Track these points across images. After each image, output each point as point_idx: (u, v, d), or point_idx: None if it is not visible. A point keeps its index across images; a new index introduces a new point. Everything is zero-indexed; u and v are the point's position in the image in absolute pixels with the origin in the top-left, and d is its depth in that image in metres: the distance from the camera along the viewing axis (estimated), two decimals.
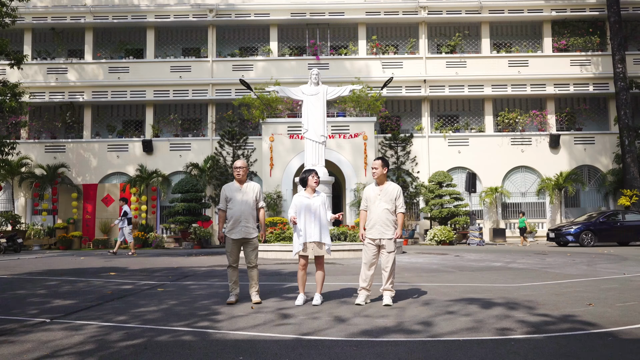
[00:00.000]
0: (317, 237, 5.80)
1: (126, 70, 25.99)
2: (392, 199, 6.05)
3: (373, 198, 6.12)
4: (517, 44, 27.04)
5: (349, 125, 22.65)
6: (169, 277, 8.54)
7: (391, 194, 6.06)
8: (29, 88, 25.38)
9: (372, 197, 6.14)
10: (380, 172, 6.15)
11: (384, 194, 6.05)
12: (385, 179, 6.22)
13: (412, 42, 26.37)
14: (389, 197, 6.03)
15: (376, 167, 6.16)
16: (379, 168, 6.17)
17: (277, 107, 23.26)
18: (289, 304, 5.73)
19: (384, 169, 6.20)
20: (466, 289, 6.93)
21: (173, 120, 26.05)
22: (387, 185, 6.16)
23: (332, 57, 25.87)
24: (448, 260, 12.17)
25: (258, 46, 27.35)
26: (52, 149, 25.67)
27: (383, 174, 6.16)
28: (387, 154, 24.54)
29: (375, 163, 6.25)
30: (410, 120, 26.73)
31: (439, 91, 25.56)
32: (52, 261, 12.92)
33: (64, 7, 26.01)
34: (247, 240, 5.96)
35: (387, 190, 6.09)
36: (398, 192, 6.15)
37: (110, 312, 5.20)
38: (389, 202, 6.03)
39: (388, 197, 6.03)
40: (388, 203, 6.01)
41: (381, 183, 6.15)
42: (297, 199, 5.97)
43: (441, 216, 22.38)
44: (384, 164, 6.24)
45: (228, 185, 6.12)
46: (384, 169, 6.19)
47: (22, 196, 25.32)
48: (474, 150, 25.04)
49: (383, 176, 6.19)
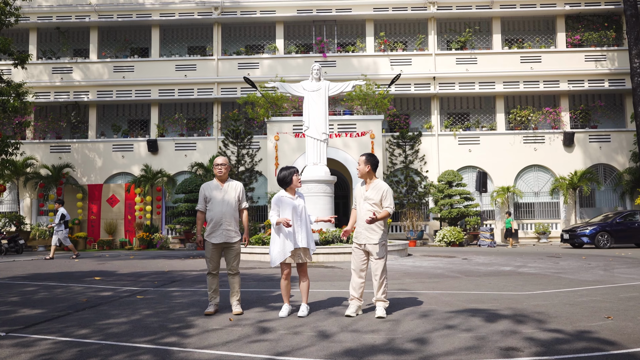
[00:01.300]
0: (305, 242, 5.28)
1: (131, 69, 25.70)
2: (378, 200, 5.44)
3: (359, 198, 5.58)
4: (530, 40, 26.28)
5: (355, 124, 22.10)
6: (155, 282, 8.09)
7: (378, 193, 5.45)
8: (34, 88, 25.25)
9: (359, 197, 5.60)
10: (362, 170, 5.53)
11: (370, 194, 5.47)
12: (373, 177, 5.62)
13: (421, 39, 25.75)
14: (375, 197, 5.44)
15: (358, 163, 5.59)
16: (362, 165, 5.56)
17: (283, 105, 22.79)
18: (273, 315, 5.22)
19: (366, 166, 5.56)
20: (470, 297, 6.37)
21: (178, 120, 25.71)
22: (374, 184, 5.55)
23: (339, 54, 25.34)
24: (455, 263, 11.58)
25: (264, 44, 26.93)
26: (57, 149, 25.46)
27: (367, 172, 5.54)
28: (395, 152, 23.96)
29: (359, 159, 5.65)
30: (420, 118, 26.12)
31: (449, 88, 24.92)
32: (45, 264, 12.56)
33: (69, 6, 25.79)
34: (228, 245, 5.46)
35: (374, 190, 5.50)
36: (385, 192, 5.47)
37: (74, 324, 4.74)
38: (375, 203, 5.44)
39: (375, 196, 5.43)
40: (374, 204, 5.42)
41: (368, 182, 5.58)
42: (280, 200, 5.42)
43: (451, 217, 21.74)
44: (368, 161, 5.60)
45: (207, 183, 5.61)
46: (366, 165, 5.56)
47: (27, 197, 25.15)
48: (485, 148, 24.36)
49: (368, 174, 5.59)
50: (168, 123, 25.99)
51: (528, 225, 24.04)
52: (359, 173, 5.58)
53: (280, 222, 5.14)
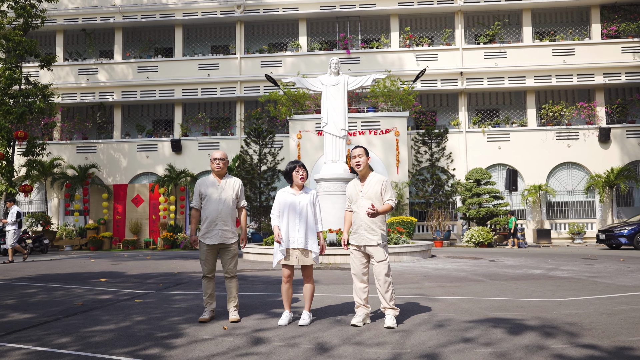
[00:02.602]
0: (302, 242, 4.82)
1: (155, 69, 25.72)
2: (377, 194, 4.95)
3: (355, 196, 5.06)
4: (562, 32, 25.21)
5: (379, 121, 21.52)
6: (160, 284, 7.76)
7: (376, 188, 4.96)
8: (61, 89, 25.54)
9: (354, 195, 5.07)
10: (365, 162, 5.05)
11: (367, 189, 4.98)
12: (369, 171, 5.14)
13: (447, 33, 24.98)
14: (373, 193, 4.95)
15: (359, 155, 5.03)
16: (363, 157, 5.06)
17: (305, 103, 22.39)
18: (272, 323, 4.78)
19: (368, 158, 5.12)
20: (494, 304, 5.80)
21: (201, 119, 25.61)
22: (370, 178, 5.07)
23: (363, 50, 24.78)
24: (480, 265, 10.93)
25: (287, 42, 26.60)
26: (84, 149, 25.68)
27: (367, 165, 5.09)
28: (420, 150, 23.28)
29: (356, 151, 5.10)
30: (447, 115, 25.35)
31: (477, 84, 24.08)
32: (59, 264, 12.45)
33: (94, 8, 25.97)
34: (224, 247, 5.05)
35: (371, 185, 5.01)
36: (384, 184, 4.99)
37: (58, 331, 4.41)
38: (375, 199, 4.94)
39: (373, 193, 4.94)
40: (373, 200, 4.92)
41: (364, 177, 5.09)
42: (281, 195, 5.01)
43: (479, 216, 20.95)
44: (366, 152, 5.15)
45: (203, 179, 5.20)
46: (367, 157, 5.12)
47: (54, 197, 25.42)
48: (516, 145, 23.43)
49: (367, 168, 5.12)
50: (191, 123, 25.93)
51: (561, 225, 23.02)
52: (362, 167, 5.05)
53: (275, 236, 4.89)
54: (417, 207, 22.95)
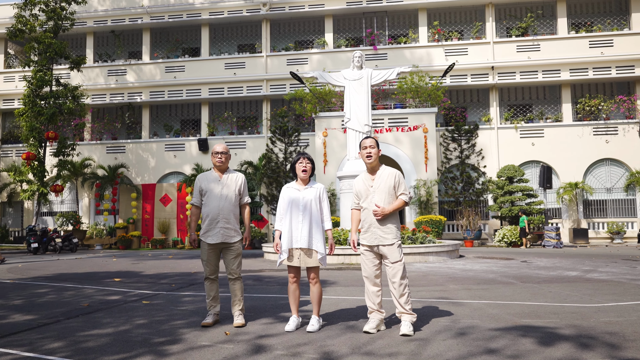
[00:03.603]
0: (306, 242, 4.45)
1: (182, 69, 25.80)
2: (389, 188, 4.53)
3: (365, 191, 4.62)
4: (600, 22, 24.13)
5: (407, 117, 20.99)
6: (172, 285, 7.53)
7: (388, 182, 4.54)
8: (91, 90, 25.90)
9: (363, 190, 4.63)
10: (376, 154, 4.62)
11: (378, 183, 4.56)
12: (379, 164, 4.71)
13: (478, 26, 24.23)
14: (386, 186, 4.52)
15: (370, 146, 4.60)
16: (375, 148, 4.64)
17: (331, 100, 22.03)
18: (278, 328, 4.44)
19: (379, 150, 4.71)
20: (524, 310, 5.32)
21: (228, 118, 25.56)
22: (381, 171, 4.64)
23: (390, 46, 24.26)
24: (511, 267, 10.35)
25: (313, 39, 26.31)
26: (113, 149, 25.96)
27: (378, 158, 4.66)
28: (449, 147, 22.62)
29: (368, 141, 4.67)
30: (477, 111, 24.60)
31: (509, 78, 23.26)
32: (81, 263, 12.45)
33: (123, 9, 26.22)
34: (227, 246, 4.73)
35: (383, 178, 4.57)
36: (397, 177, 4.57)
37: (53, 335, 4.19)
38: (387, 193, 4.52)
39: (385, 187, 4.52)
40: (386, 195, 4.51)
41: (374, 170, 4.67)
42: (285, 191, 4.67)
43: (511, 215, 20.18)
44: (378, 144, 4.74)
45: (204, 174, 4.90)
46: (379, 150, 4.70)
47: (85, 196, 25.78)
48: (550, 141, 22.53)
49: (378, 160, 4.69)
50: (218, 122, 25.91)
51: (599, 224, 22.01)
52: (373, 159, 4.60)
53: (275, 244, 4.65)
54: (447, 205, 22.33)
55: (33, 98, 21.38)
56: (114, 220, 24.82)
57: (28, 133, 21.13)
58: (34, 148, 21.37)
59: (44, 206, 25.12)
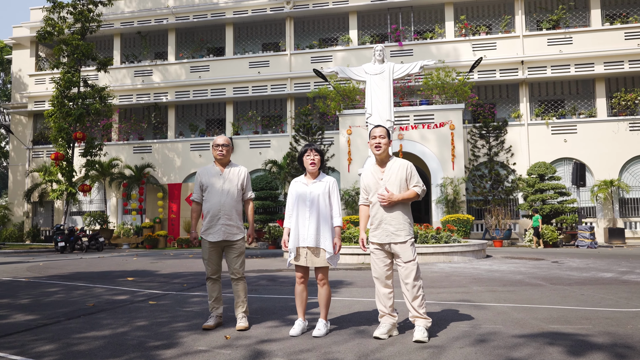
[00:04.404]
0: (313, 240, 4.16)
1: (206, 69, 25.88)
2: (401, 181, 4.20)
3: (374, 185, 4.29)
4: (636, 13, 23.12)
5: (433, 114, 20.50)
6: (184, 285, 7.38)
7: (400, 174, 4.21)
8: (118, 91, 26.22)
9: (372, 184, 4.30)
10: (386, 145, 4.28)
11: (389, 175, 4.23)
12: (389, 156, 4.37)
13: (506, 20, 23.53)
14: (397, 179, 4.20)
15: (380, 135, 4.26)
16: (385, 138, 4.30)
17: (355, 97, 21.69)
18: (283, 332, 4.19)
19: (389, 141, 4.36)
20: (552, 314, 4.93)
21: (252, 117, 25.51)
22: (392, 163, 4.28)
23: (415, 42, 23.79)
24: (541, 267, 9.86)
25: (337, 36, 26.03)
26: (140, 149, 26.21)
27: (388, 149, 4.32)
28: (477, 144, 22.02)
29: (378, 131, 4.33)
30: (506, 107, 23.90)
31: (540, 73, 22.50)
32: (100, 262, 12.48)
33: (149, 10, 26.48)
34: (229, 244, 4.50)
35: (393, 170, 4.24)
36: (409, 169, 4.23)
37: (48, 336, 4.05)
38: (399, 186, 4.19)
39: (396, 179, 4.20)
40: (397, 188, 4.17)
41: (384, 162, 4.32)
42: (292, 186, 4.40)
43: (543, 214, 19.48)
44: (388, 133, 4.38)
45: (204, 168, 4.67)
46: (389, 140, 4.36)
47: (113, 196, 26.10)
48: (583, 138, 21.70)
49: (387, 152, 4.35)
50: (242, 121, 25.89)
51: (637, 223, 21.08)
52: (382, 150, 4.27)
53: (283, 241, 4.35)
54: (475, 204, 21.75)
55: (61, 99, 21.71)
56: (141, 219, 25.06)
57: (56, 134, 21.47)
58: (63, 148, 21.70)
59: (73, 206, 25.53)
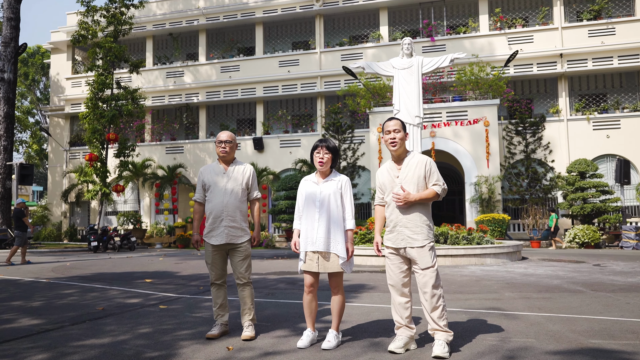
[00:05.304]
0: (322, 244, 3.83)
1: (237, 68, 25.88)
2: (419, 179, 3.80)
3: (389, 183, 3.88)
4: None
5: (467, 111, 19.84)
6: (201, 287, 7.19)
7: (418, 171, 3.80)
8: (151, 92, 26.53)
9: (388, 182, 3.89)
10: (401, 140, 3.88)
11: (406, 173, 3.83)
12: (407, 151, 3.97)
13: (544, 12, 22.60)
14: (415, 177, 3.79)
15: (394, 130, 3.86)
16: (401, 131, 3.90)
17: (386, 94, 21.24)
18: (291, 343, 3.88)
19: (405, 134, 3.94)
20: (593, 326, 4.45)
21: (282, 117, 25.37)
22: (409, 159, 3.88)
23: (448, 37, 23.12)
24: (581, 271, 9.24)
25: (367, 33, 25.60)
26: (172, 150, 26.44)
27: (404, 144, 3.92)
28: (513, 141, 21.21)
29: (391, 124, 3.92)
30: (544, 102, 22.96)
31: (580, 66, 21.50)
32: (126, 262, 12.49)
33: (180, 12, 26.68)
34: (233, 247, 4.23)
35: (411, 167, 3.82)
36: (428, 165, 3.82)
37: (46, 344, 3.87)
38: (416, 185, 3.78)
39: (414, 177, 3.79)
40: (414, 187, 3.78)
41: (400, 158, 3.92)
42: (302, 185, 4.07)
43: (584, 213, 18.58)
44: (403, 126, 3.96)
45: (207, 166, 4.39)
46: (405, 133, 3.94)
47: (146, 196, 26.42)
48: (628, 133, 20.60)
49: (404, 147, 3.95)
50: (273, 120, 25.78)
51: None
52: (397, 145, 3.87)
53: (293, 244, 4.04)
54: (511, 203, 20.97)
55: (95, 101, 22.09)
56: (173, 219, 25.27)
57: (90, 135, 21.85)
58: (97, 149, 22.06)
59: (108, 206, 25.97)
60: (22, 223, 12.96)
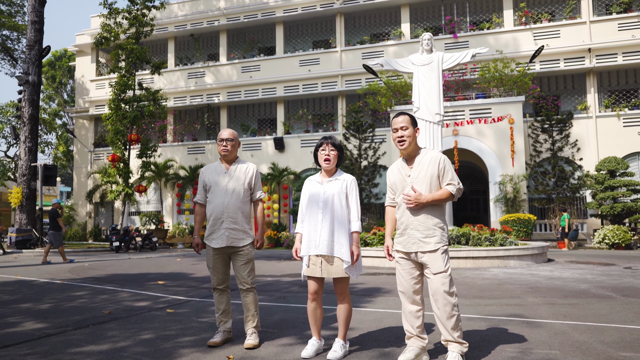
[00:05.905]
0: (326, 247, 3.61)
1: (257, 68, 25.83)
2: (432, 178, 3.52)
3: (400, 183, 3.60)
4: None
5: (490, 108, 19.36)
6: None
7: (430, 169, 3.52)
8: (172, 93, 26.69)
9: (398, 181, 3.62)
10: (411, 136, 3.59)
11: (417, 172, 3.56)
12: (418, 148, 3.67)
13: (571, 5, 21.93)
14: (427, 176, 3.51)
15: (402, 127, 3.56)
16: (409, 128, 3.60)
17: (407, 92, 20.87)
18: (295, 353, 3.66)
19: (416, 131, 3.66)
20: (624, 337, 4.11)
21: (303, 116, 25.22)
22: (421, 157, 3.59)
23: (471, 33, 22.62)
24: (611, 275, 8.80)
25: (389, 30, 25.25)
26: (193, 150, 26.54)
27: (415, 141, 3.64)
28: (539, 139, 20.61)
29: (399, 120, 3.61)
30: (572, 98, 22.28)
31: (609, 60, 20.79)
32: (143, 263, 12.47)
33: (201, 13, 26.76)
34: (235, 250, 4.03)
35: (423, 165, 3.54)
36: (442, 163, 3.53)
37: (44, 350, 3.76)
38: (429, 184, 3.51)
39: (426, 176, 3.52)
40: (427, 187, 3.52)
41: (411, 156, 3.64)
42: (306, 185, 3.85)
43: (614, 213, 17.92)
44: (414, 122, 3.66)
45: (209, 166, 4.20)
46: (416, 130, 3.65)
47: (169, 196, 26.58)
48: None
49: (415, 144, 3.67)
50: (293, 120, 25.65)
51: None
52: (407, 143, 3.57)
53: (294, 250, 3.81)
54: (537, 203, 20.38)
55: (117, 102, 22.29)
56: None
57: (113, 136, 22.05)
58: (119, 150, 22.26)
59: (132, 206, 26.21)
60: (56, 223, 13.13)
